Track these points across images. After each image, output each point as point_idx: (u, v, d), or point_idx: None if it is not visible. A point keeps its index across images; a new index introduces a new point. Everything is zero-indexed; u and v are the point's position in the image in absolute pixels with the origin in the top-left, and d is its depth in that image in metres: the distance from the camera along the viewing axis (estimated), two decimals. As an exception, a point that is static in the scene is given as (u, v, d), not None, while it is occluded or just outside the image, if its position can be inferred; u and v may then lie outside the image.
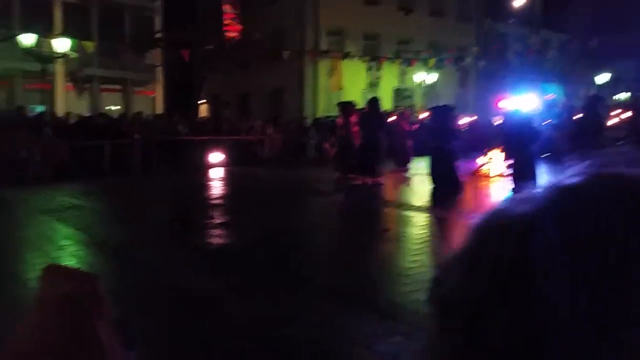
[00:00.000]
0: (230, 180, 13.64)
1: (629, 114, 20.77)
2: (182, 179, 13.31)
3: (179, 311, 4.38)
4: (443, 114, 10.95)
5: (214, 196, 11.13)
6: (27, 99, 19.74)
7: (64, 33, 18.12)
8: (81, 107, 19.52)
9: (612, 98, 26.10)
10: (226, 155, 16.26)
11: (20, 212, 8.72)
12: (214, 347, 3.74)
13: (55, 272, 1.28)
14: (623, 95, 29.37)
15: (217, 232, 7.39)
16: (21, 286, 4.94)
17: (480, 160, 13.70)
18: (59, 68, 20.24)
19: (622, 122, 19.83)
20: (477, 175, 13.06)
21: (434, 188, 10.78)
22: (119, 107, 22.50)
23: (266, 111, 23.50)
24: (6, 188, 10.91)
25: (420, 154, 16.32)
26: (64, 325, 1.00)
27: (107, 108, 22.07)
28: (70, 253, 6.19)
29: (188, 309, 4.43)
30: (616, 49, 26.70)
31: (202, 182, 12.93)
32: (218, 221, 8.13)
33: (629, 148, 0.43)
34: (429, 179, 11.08)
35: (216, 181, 13.39)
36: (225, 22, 17.77)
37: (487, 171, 13.18)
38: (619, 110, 21.04)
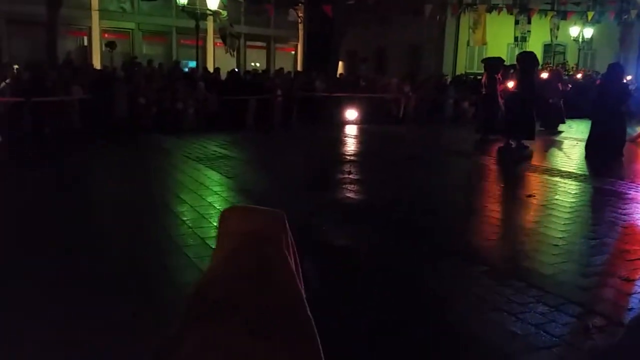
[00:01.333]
0: (365, 137, 13.70)
1: None
2: (319, 134, 13.63)
3: (314, 256, 4.54)
4: (618, 73, 9.99)
5: (350, 152, 11.28)
6: (182, 54, 21.36)
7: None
8: (229, 63, 20.67)
9: None
10: (362, 112, 16.30)
11: (178, 159, 9.56)
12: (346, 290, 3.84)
13: (242, 211, 1.37)
14: None
15: (353, 187, 7.49)
16: (181, 224, 5.46)
17: (642, 127, 12.32)
18: (210, 25, 21.51)
19: None
20: (638, 141, 11.76)
21: (593, 152, 9.94)
22: (258, 65, 23.39)
23: (404, 68, 23.00)
24: (164, 136, 12.00)
25: (572, 116, 15.10)
26: (262, 253, 1.08)
27: (252, 64, 23.15)
28: (223, 198, 6.69)
29: (322, 254, 4.58)
30: None
31: (338, 138, 13.15)
32: (354, 177, 8.23)
33: None
34: (589, 141, 10.24)
35: (351, 138, 13.53)
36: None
37: (650, 138, 11.82)
38: None
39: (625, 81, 10.84)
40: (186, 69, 18.11)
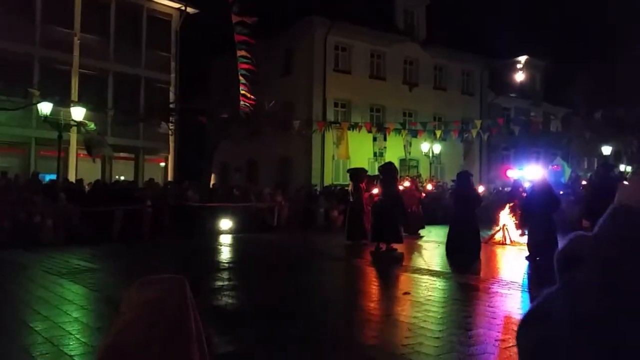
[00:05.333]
0: (240, 246, 13.56)
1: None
2: (193, 244, 13.25)
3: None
4: (466, 180, 11.11)
5: (226, 260, 11.04)
6: (41, 166, 20.04)
7: (80, 102, 18.64)
8: (93, 175, 19.76)
9: (616, 170, 26.35)
10: (236, 221, 16.26)
11: (36, 275, 8.63)
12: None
13: (141, 283, 1.40)
14: (625, 168, 29.70)
15: (231, 293, 7.26)
16: (43, 342, 4.82)
17: (493, 228, 13.69)
18: (73, 136, 20.67)
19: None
20: (491, 242, 12.99)
21: (453, 253, 10.72)
22: (123, 178, 22.53)
23: (275, 179, 23.72)
24: (21, 252, 10.86)
25: (429, 222, 16.41)
26: (153, 320, 1.09)
27: (117, 177, 22.33)
28: (90, 310, 6.08)
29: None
30: (618, 123, 27.21)
31: (214, 247, 12.86)
32: (234, 283, 8.01)
33: None
34: (449, 244, 11.04)
35: (226, 247, 13.31)
36: (241, 92, 18.28)
37: (500, 239, 13.12)
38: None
39: (474, 187, 12.06)
40: (46, 180, 16.97)
